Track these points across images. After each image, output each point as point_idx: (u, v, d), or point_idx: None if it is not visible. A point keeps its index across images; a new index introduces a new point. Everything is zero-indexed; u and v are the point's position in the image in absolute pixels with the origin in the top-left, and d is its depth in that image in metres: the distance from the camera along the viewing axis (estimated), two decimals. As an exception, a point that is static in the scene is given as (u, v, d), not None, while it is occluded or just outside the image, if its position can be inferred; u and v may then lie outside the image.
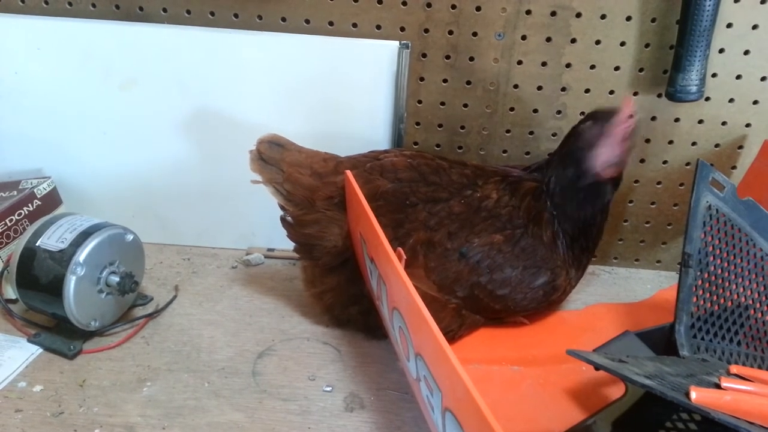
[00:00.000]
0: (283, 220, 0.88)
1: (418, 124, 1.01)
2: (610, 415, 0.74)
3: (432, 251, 0.84)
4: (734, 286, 0.80)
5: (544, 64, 0.95)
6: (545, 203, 0.87)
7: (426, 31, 0.94)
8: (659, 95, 0.95)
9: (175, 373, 0.82)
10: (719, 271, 0.80)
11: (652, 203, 1.05)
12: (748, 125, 0.97)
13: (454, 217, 0.85)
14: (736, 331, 0.79)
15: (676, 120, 0.98)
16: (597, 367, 0.63)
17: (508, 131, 1.00)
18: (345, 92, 0.97)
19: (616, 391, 0.78)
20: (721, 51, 0.92)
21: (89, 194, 1.06)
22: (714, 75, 0.94)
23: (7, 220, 0.94)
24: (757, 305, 0.79)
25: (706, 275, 0.80)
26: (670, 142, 0.99)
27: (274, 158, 0.85)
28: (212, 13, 0.96)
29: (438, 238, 0.84)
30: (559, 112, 0.98)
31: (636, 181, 1.03)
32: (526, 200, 0.87)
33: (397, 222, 0.84)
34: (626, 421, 0.73)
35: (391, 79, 0.95)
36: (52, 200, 1.02)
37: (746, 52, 0.92)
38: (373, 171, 0.86)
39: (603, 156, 0.83)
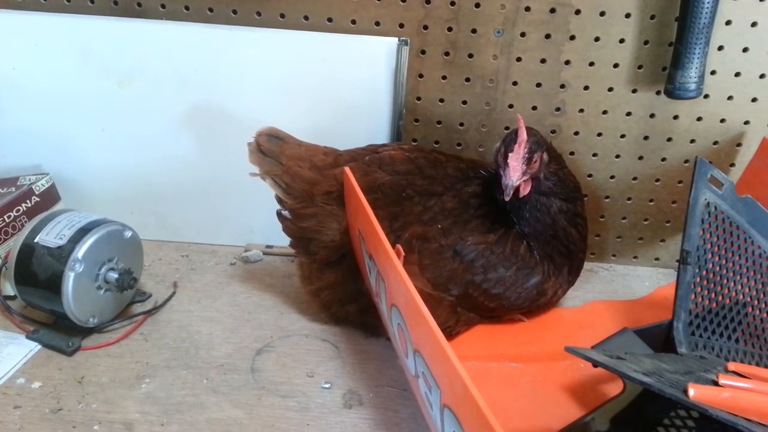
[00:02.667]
0: (279, 214, 0.88)
1: (416, 120, 1.01)
2: (608, 411, 0.74)
3: (426, 247, 0.84)
4: (732, 284, 0.80)
5: (543, 61, 0.95)
6: (508, 217, 0.87)
7: (425, 27, 0.94)
8: (658, 92, 0.95)
9: (173, 370, 0.82)
10: (717, 268, 0.80)
11: (651, 200, 1.05)
12: (746, 123, 0.97)
13: (447, 212, 0.85)
14: (735, 329, 0.79)
15: (675, 117, 0.98)
16: (595, 364, 0.63)
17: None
18: (344, 89, 0.97)
19: (614, 388, 0.78)
20: (720, 48, 0.92)
21: (88, 191, 1.06)
22: (713, 72, 0.93)
23: (5, 217, 0.94)
24: (755, 302, 0.79)
25: (704, 272, 0.80)
26: (669, 139, 0.99)
27: (273, 151, 0.85)
28: (211, 10, 0.96)
29: (432, 234, 0.84)
30: (558, 109, 0.98)
31: (634, 179, 1.03)
32: (503, 214, 0.87)
33: (393, 215, 0.84)
34: (624, 418, 0.73)
35: (390, 75, 0.95)
36: (50, 196, 1.01)
37: (745, 50, 0.92)
38: (371, 164, 0.86)
39: (506, 177, 0.79)
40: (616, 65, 0.94)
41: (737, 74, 0.94)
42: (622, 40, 0.93)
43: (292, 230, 0.88)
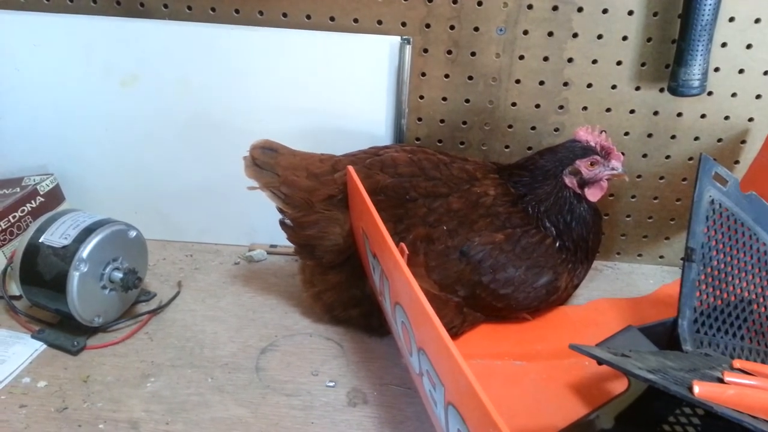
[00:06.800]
0: (282, 223, 0.88)
1: (419, 119, 1.01)
2: (613, 409, 0.74)
3: (432, 248, 0.84)
4: (737, 281, 0.80)
5: (545, 58, 0.95)
6: (536, 219, 0.87)
7: (427, 26, 0.94)
8: (661, 90, 0.95)
9: (178, 369, 0.83)
10: (722, 265, 0.80)
11: (655, 198, 1.04)
12: (750, 120, 0.97)
13: (453, 213, 0.85)
14: (740, 326, 0.79)
15: (679, 115, 0.97)
16: (600, 362, 0.63)
17: (510, 126, 1.00)
18: (346, 88, 0.97)
19: (618, 386, 0.78)
20: (724, 45, 0.92)
21: (92, 191, 1.06)
22: (716, 69, 0.93)
23: (10, 217, 0.94)
24: (761, 300, 0.79)
25: (709, 270, 0.80)
26: (673, 136, 0.99)
27: (269, 163, 0.85)
28: (213, 9, 0.96)
29: (437, 235, 0.84)
30: (561, 107, 0.98)
31: (639, 176, 1.03)
32: (519, 213, 0.87)
33: (397, 217, 0.84)
34: (629, 416, 0.73)
35: (392, 74, 0.95)
36: (54, 197, 1.02)
37: (749, 46, 0.92)
38: (373, 166, 0.86)
39: (597, 194, 0.88)
40: (619, 63, 0.94)
41: (741, 71, 0.93)
42: (625, 38, 0.92)
43: (295, 238, 0.88)
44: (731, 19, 0.90)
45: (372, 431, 0.74)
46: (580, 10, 0.91)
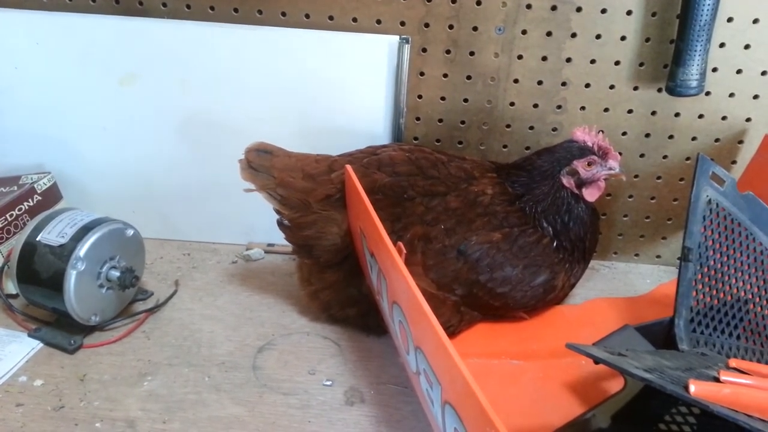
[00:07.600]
0: (279, 223, 0.88)
1: (418, 119, 1.01)
2: (609, 408, 0.74)
3: (430, 247, 0.84)
4: (734, 281, 0.80)
5: (544, 58, 0.95)
6: (533, 219, 0.87)
7: (426, 25, 0.94)
8: (659, 90, 0.95)
9: (175, 368, 0.83)
10: (719, 265, 0.80)
11: (652, 198, 1.05)
12: (748, 120, 0.97)
13: (451, 212, 0.85)
14: (736, 325, 0.79)
15: (677, 115, 0.98)
16: (596, 361, 0.63)
17: (508, 126, 1.00)
18: (345, 87, 0.97)
19: (615, 385, 0.78)
20: (722, 45, 0.92)
21: (89, 189, 1.06)
22: (714, 69, 0.93)
23: (7, 215, 0.94)
24: (757, 299, 0.79)
25: (705, 269, 0.80)
26: (670, 136, 0.99)
27: (264, 165, 0.85)
28: (212, 8, 0.96)
29: (435, 234, 0.84)
30: (559, 106, 0.98)
31: (636, 176, 1.03)
32: (517, 213, 0.87)
33: (394, 216, 0.84)
34: (626, 415, 0.73)
35: (391, 73, 0.95)
36: (52, 195, 1.02)
37: (747, 47, 0.92)
38: (370, 165, 0.86)
39: (595, 194, 0.89)
40: (617, 63, 0.94)
41: (739, 71, 0.94)
42: (623, 38, 0.93)
43: (293, 239, 0.88)
44: (730, 20, 0.90)
45: (369, 430, 0.74)
46: (578, 10, 0.91)
